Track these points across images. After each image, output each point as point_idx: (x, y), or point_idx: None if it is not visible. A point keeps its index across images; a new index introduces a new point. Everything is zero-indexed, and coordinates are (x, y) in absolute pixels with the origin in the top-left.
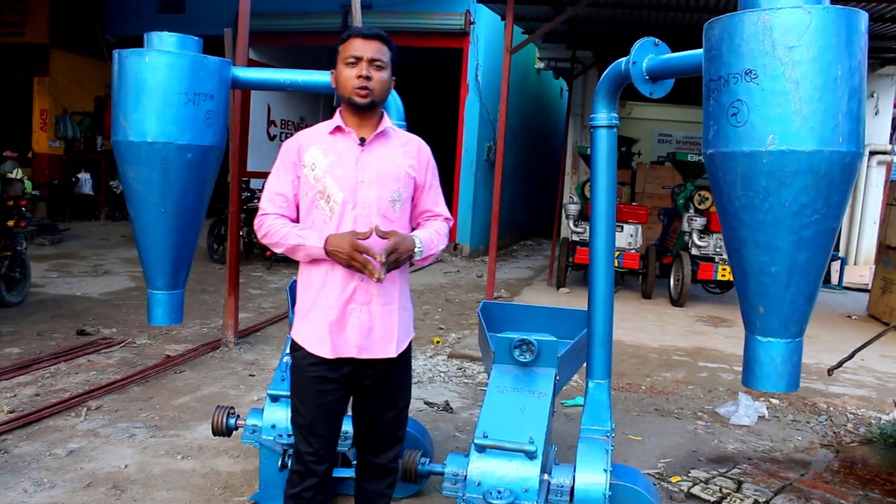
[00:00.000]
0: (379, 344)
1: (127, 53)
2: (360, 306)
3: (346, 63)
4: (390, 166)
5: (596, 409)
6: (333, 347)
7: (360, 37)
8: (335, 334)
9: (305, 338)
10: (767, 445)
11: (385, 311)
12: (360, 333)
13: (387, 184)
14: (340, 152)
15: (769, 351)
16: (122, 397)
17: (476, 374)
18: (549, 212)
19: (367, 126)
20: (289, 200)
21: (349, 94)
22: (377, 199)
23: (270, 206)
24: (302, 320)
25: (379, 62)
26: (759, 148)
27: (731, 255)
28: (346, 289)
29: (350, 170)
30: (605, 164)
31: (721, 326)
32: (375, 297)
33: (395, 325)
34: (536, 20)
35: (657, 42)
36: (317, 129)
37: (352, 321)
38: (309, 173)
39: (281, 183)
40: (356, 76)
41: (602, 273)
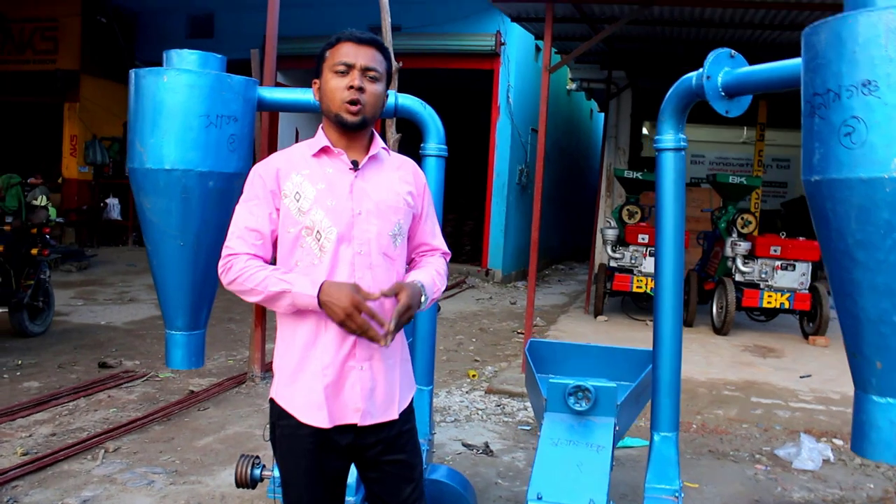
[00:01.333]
0: (381, 406)
1: (144, 73)
2: (361, 363)
3: (333, 71)
4: (389, 195)
5: (662, 465)
6: (331, 414)
7: (351, 41)
8: (332, 399)
9: (295, 405)
10: (837, 494)
11: (387, 367)
12: (361, 395)
13: (387, 216)
14: (331, 179)
15: (889, 414)
16: (141, 437)
17: (516, 411)
18: (580, 235)
19: (357, 147)
20: (264, 238)
21: (337, 108)
22: (377, 235)
23: (241, 245)
24: (288, 383)
25: (373, 72)
26: (881, 174)
27: (841, 299)
28: (345, 343)
29: (344, 200)
30: (673, 190)
31: (769, 357)
32: (378, 351)
33: (397, 383)
34: (571, 39)
35: (733, 54)
36: (295, 150)
37: (351, 381)
38: (292, 205)
39: (254, 217)
40: (346, 87)
41: (669, 311)
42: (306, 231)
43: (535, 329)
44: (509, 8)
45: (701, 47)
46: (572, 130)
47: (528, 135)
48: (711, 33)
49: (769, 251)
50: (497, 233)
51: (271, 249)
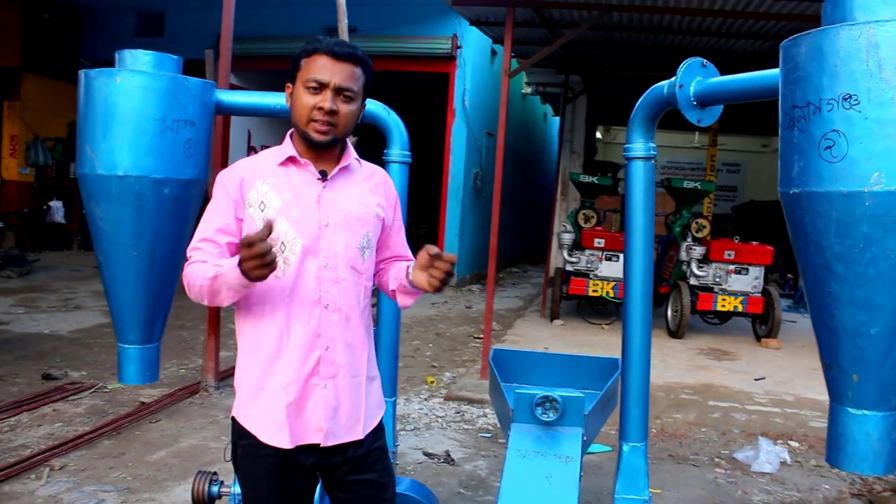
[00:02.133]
0: (345, 426)
1: (95, 74)
2: (325, 381)
3: (306, 87)
4: (358, 207)
5: (631, 474)
6: (292, 434)
7: (328, 55)
8: (294, 418)
9: (256, 424)
10: (795, 496)
11: (353, 384)
12: (325, 415)
13: (355, 228)
14: (297, 189)
15: (864, 426)
16: (90, 453)
17: (476, 418)
18: (534, 238)
19: (327, 157)
20: (221, 247)
21: (304, 126)
22: (345, 248)
23: (197, 255)
24: (249, 401)
25: (348, 93)
26: (860, 188)
27: (818, 312)
28: (308, 360)
29: (311, 211)
30: (643, 198)
31: (724, 360)
32: (342, 368)
33: (363, 402)
34: (529, 44)
35: (705, 63)
36: (261, 158)
37: (313, 400)
38: (256, 215)
39: (213, 226)
40: (316, 107)
41: (639, 321)
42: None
43: (492, 333)
44: (468, 11)
45: (657, 54)
46: (526, 134)
47: (484, 138)
48: (668, 40)
49: (723, 255)
50: (452, 236)
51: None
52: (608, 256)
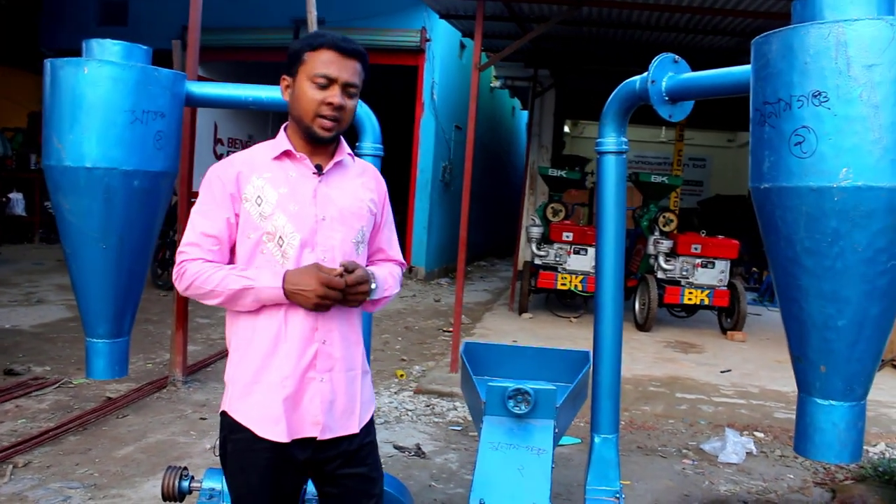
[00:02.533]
0: (340, 419)
1: (61, 64)
2: (322, 374)
3: (312, 81)
4: (352, 201)
5: (603, 466)
6: (289, 428)
7: (336, 51)
8: (290, 411)
9: (251, 418)
10: (761, 486)
11: (348, 378)
12: (321, 408)
13: (350, 222)
14: (293, 183)
15: (831, 416)
16: (55, 450)
17: (446, 411)
18: (502, 231)
19: (321, 153)
20: (221, 243)
21: (310, 121)
22: (341, 242)
23: (195, 251)
24: (244, 395)
25: (353, 88)
26: (829, 183)
27: (787, 305)
28: (306, 354)
29: (307, 205)
30: (614, 193)
31: (691, 352)
32: (338, 362)
33: (358, 395)
34: (498, 37)
35: (677, 59)
36: (256, 152)
37: (310, 394)
38: (253, 209)
39: (211, 221)
40: (325, 102)
41: (610, 314)
42: (267, 237)
43: (461, 327)
44: (438, 4)
45: (626, 49)
46: (495, 127)
47: (452, 132)
48: (637, 35)
49: (690, 249)
50: (420, 230)
51: (228, 255)
52: (576, 250)
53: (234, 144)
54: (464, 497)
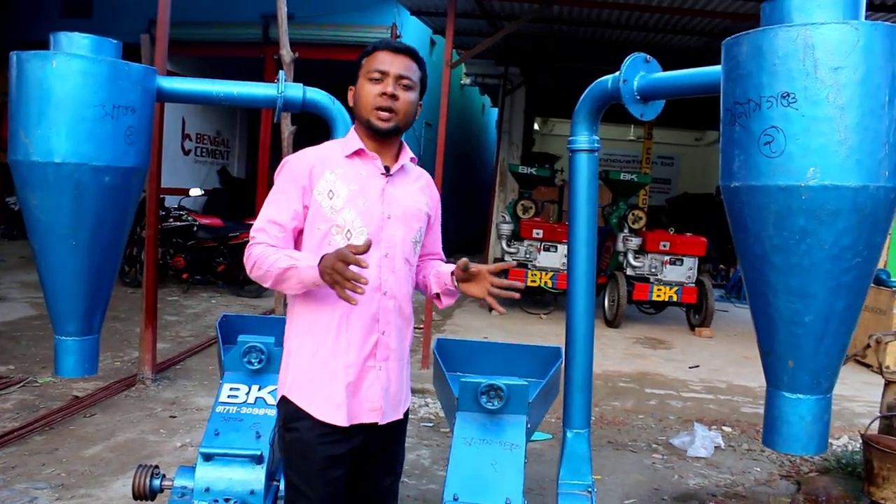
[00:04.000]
0: (393, 406)
1: (28, 56)
2: (380, 363)
3: (368, 78)
4: (413, 203)
5: (575, 461)
6: (349, 413)
7: (388, 50)
8: (351, 398)
9: (313, 403)
10: (728, 479)
11: (400, 367)
12: (379, 395)
13: (411, 223)
14: (363, 181)
15: (798, 409)
16: (20, 450)
17: (417, 408)
18: (471, 228)
19: (387, 153)
20: (287, 231)
21: (368, 114)
22: (402, 240)
23: (262, 236)
24: (307, 381)
25: (407, 81)
26: (797, 182)
27: (756, 301)
28: (367, 343)
29: (375, 203)
30: (586, 191)
31: (660, 348)
32: (393, 352)
33: (406, 383)
34: (469, 35)
35: (648, 59)
36: (328, 148)
37: (368, 381)
38: (325, 202)
39: (281, 210)
40: (379, 93)
41: (582, 310)
42: (336, 229)
43: (431, 324)
44: (409, 1)
45: (596, 47)
46: (464, 125)
47: (423, 129)
48: (607, 34)
49: (658, 246)
50: None
51: (292, 243)
52: (546, 247)
53: (202, 140)
54: (437, 493)
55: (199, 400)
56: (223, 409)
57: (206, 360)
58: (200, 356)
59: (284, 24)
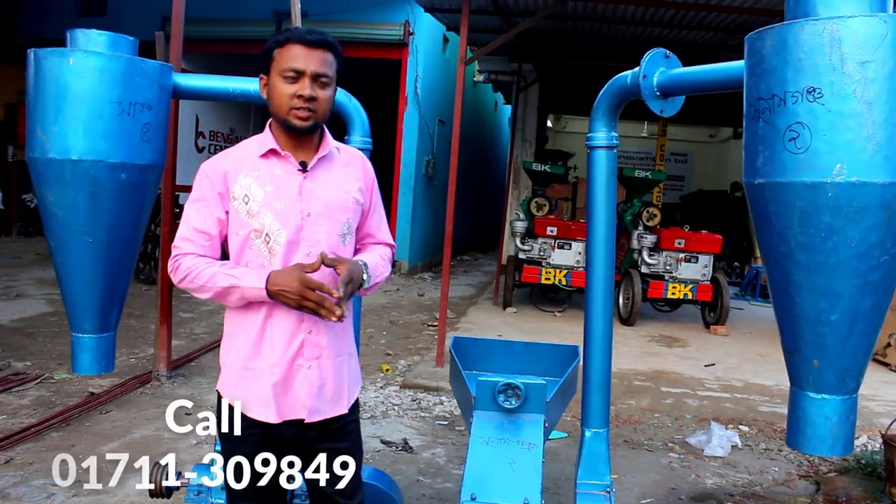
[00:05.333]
0: (330, 402)
1: (45, 54)
2: (309, 362)
3: (283, 76)
4: (338, 194)
5: (593, 461)
6: (279, 410)
7: (301, 44)
8: (280, 396)
9: (243, 401)
10: (746, 479)
11: (336, 364)
12: (309, 393)
13: (336, 216)
14: (278, 181)
15: (824, 410)
16: (37, 446)
17: (432, 406)
18: (485, 226)
19: (306, 147)
20: (213, 238)
21: (286, 115)
22: (326, 236)
23: (188, 246)
24: (236, 380)
25: (324, 78)
26: (823, 179)
27: (780, 299)
28: (293, 343)
29: (292, 202)
30: (605, 187)
31: (675, 346)
32: (325, 349)
33: (346, 379)
34: (483, 31)
35: (668, 54)
36: (242, 150)
37: (299, 380)
38: (241, 207)
39: (202, 218)
40: (296, 94)
41: (600, 309)
42: (255, 234)
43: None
44: None
45: (611, 44)
46: (477, 122)
47: (436, 126)
48: (622, 30)
49: (674, 244)
50: (404, 224)
51: (220, 250)
52: (560, 244)
53: (215, 138)
54: (452, 491)
55: (213, 397)
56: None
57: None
58: (215, 353)
59: (298, 21)
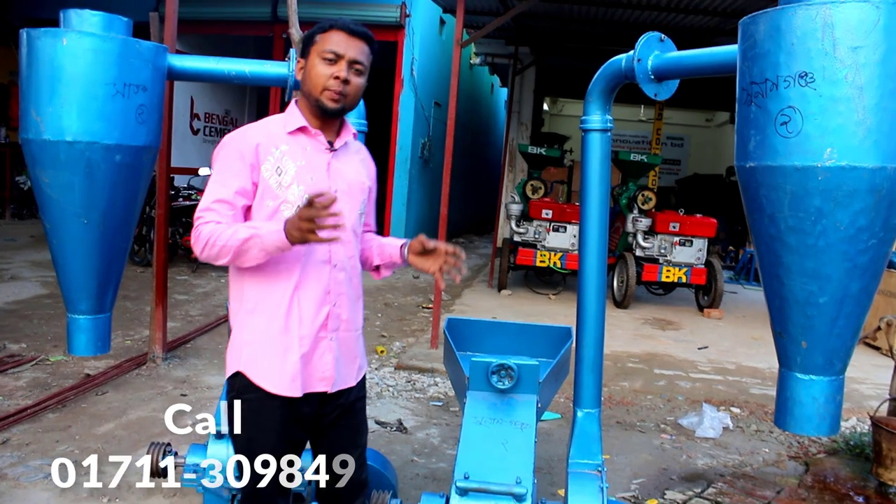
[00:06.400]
0: (345, 373)
1: (39, 34)
2: (331, 333)
3: (322, 58)
4: (357, 176)
5: (586, 441)
6: (303, 384)
7: (344, 31)
8: (304, 368)
9: (268, 377)
10: (737, 459)
11: (352, 337)
12: (331, 364)
13: (356, 195)
14: (309, 156)
15: (811, 390)
16: (34, 427)
17: (427, 387)
18: (479, 209)
19: (329, 129)
20: (236, 209)
21: (319, 94)
22: (349, 212)
23: (211, 215)
24: (262, 354)
25: (360, 66)
26: (814, 163)
27: (770, 282)
28: (319, 315)
29: (322, 178)
30: (599, 170)
31: (669, 329)
32: (344, 323)
33: (358, 352)
34: (479, 14)
35: (663, 38)
36: (270, 125)
37: (320, 351)
38: (273, 179)
39: (228, 188)
40: (332, 76)
41: (593, 290)
42: (286, 205)
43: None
44: None
45: (607, 27)
46: (473, 105)
47: (432, 108)
48: (618, 14)
49: (668, 227)
50: (399, 206)
51: (242, 221)
52: (555, 227)
53: (210, 120)
54: (446, 471)
55: (209, 378)
56: None
57: (215, 338)
58: (210, 335)
59: (294, 2)
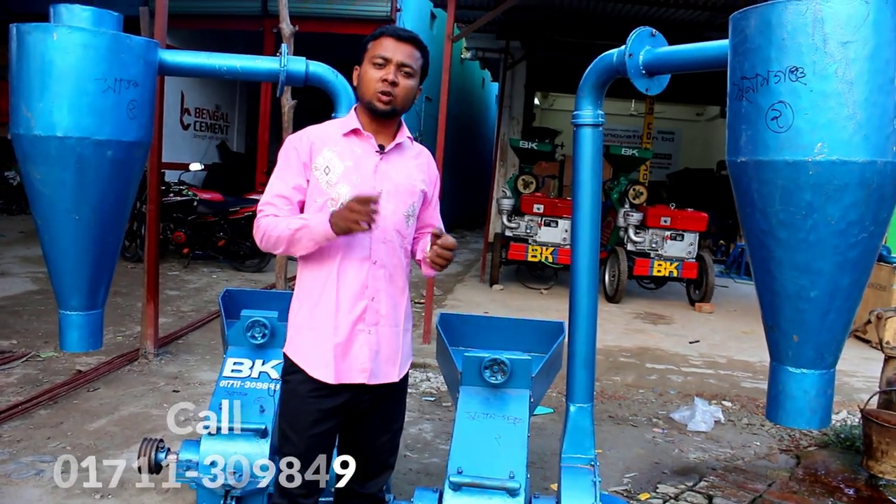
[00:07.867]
0: (384, 368)
1: (29, 29)
2: (369, 327)
3: (372, 63)
4: (406, 179)
5: (578, 435)
6: (337, 372)
7: (393, 37)
8: (340, 358)
9: (305, 359)
10: (728, 453)
11: (393, 333)
12: (368, 356)
13: (403, 197)
14: (358, 158)
15: (802, 384)
16: (25, 424)
17: (419, 382)
18: (471, 204)
19: (384, 133)
20: (292, 204)
21: (370, 97)
22: (392, 213)
23: (269, 209)
24: (300, 339)
25: (408, 68)
26: (804, 157)
27: (761, 276)
28: (356, 308)
29: (368, 178)
30: (590, 164)
31: (660, 324)
32: (384, 318)
33: (400, 348)
34: (470, 8)
35: (654, 33)
36: (328, 127)
37: (358, 343)
38: (321, 177)
39: (285, 184)
40: (381, 79)
41: (585, 285)
42: (331, 202)
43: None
44: None
45: (598, 21)
46: (464, 99)
47: (423, 103)
48: (609, 7)
49: (659, 222)
50: None
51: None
52: (547, 222)
53: (201, 115)
54: (439, 466)
55: (201, 374)
56: (227, 384)
57: (207, 334)
58: (202, 331)
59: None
